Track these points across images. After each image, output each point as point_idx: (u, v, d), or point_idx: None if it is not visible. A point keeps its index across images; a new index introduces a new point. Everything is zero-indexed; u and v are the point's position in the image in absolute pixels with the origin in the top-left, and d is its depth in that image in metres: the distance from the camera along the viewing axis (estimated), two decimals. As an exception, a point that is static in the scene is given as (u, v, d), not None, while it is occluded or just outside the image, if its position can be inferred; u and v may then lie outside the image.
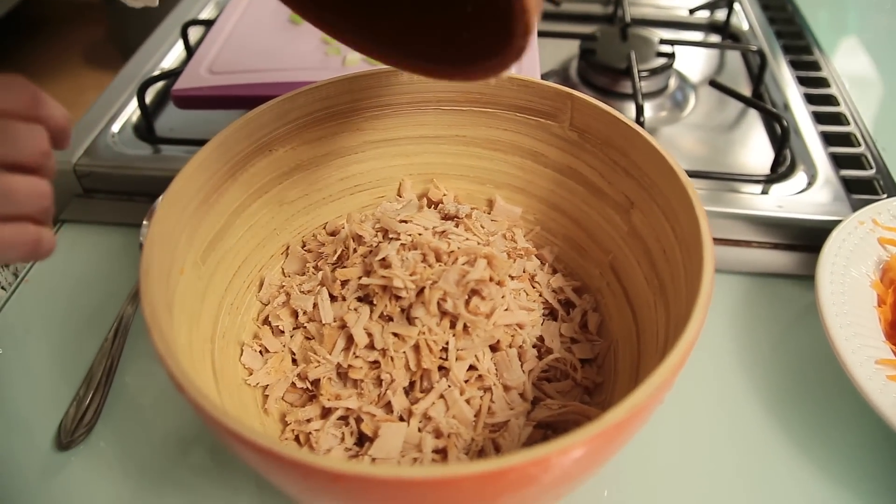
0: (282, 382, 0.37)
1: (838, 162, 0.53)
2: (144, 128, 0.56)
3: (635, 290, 0.37)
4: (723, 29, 0.74)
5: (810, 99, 0.61)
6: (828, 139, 0.56)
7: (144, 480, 0.37)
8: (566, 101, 0.39)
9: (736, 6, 0.74)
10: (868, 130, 0.57)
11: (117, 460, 0.38)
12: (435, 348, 0.35)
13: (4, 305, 0.47)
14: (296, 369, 0.37)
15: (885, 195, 0.50)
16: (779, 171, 0.53)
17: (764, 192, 0.51)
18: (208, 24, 0.64)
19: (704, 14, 0.76)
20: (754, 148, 0.57)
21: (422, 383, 0.35)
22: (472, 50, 0.30)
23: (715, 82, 0.58)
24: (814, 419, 0.40)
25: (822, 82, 0.63)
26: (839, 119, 0.59)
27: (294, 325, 0.39)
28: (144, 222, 0.48)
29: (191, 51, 0.65)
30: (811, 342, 0.44)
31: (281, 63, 0.54)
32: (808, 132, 0.56)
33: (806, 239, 0.49)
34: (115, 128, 0.56)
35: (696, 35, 0.75)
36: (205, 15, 0.73)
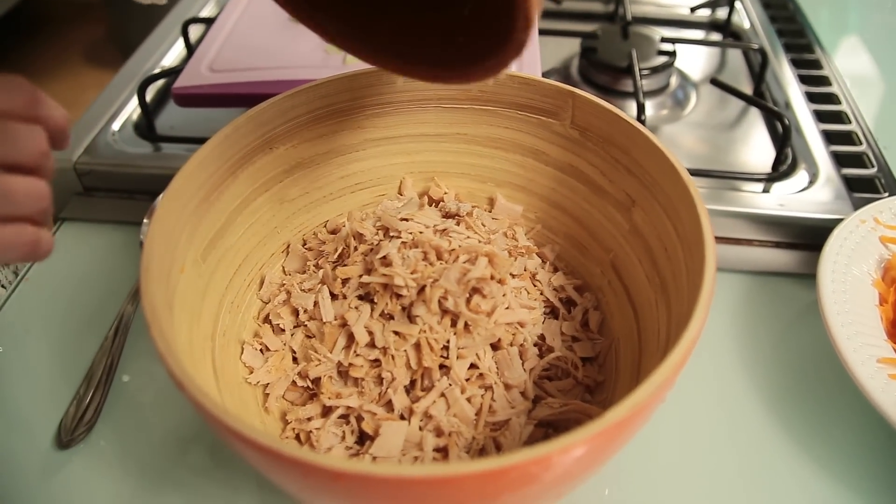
0: (282, 381, 0.37)
1: (840, 160, 0.53)
2: (145, 126, 0.56)
3: (637, 289, 0.37)
4: (724, 27, 0.74)
5: (811, 97, 0.61)
6: (829, 138, 0.56)
7: (145, 479, 0.37)
8: (567, 99, 0.39)
9: (737, 4, 0.74)
10: (869, 129, 0.57)
11: (117, 459, 0.38)
12: (436, 347, 0.35)
13: (4, 304, 0.47)
14: (296, 368, 0.37)
15: (886, 194, 0.50)
16: (780, 170, 0.53)
17: (765, 191, 0.51)
18: (209, 22, 0.64)
19: (706, 12, 0.76)
20: (755, 146, 0.57)
21: (423, 382, 0.35)
22: (470, 51, 0.30)
23: (716, 80, 0.58)
24: (815, 418, 0.40)
25: (824, 81, 0.63)
26: (840, 117, 0.58)
27: (295, 323, 0.39)
28: (145, 220, 0.48)
29: (191, 49, 0.65)
30: (812, 341, 0.44)
31: (281, 61, 0.54)
32: (810, 131, 0.56)
33: (807, 237, 0.49)
34: (116, 126, 0.56)
35: (697, 33, 0.75)
36: (205, 13, 0.73)
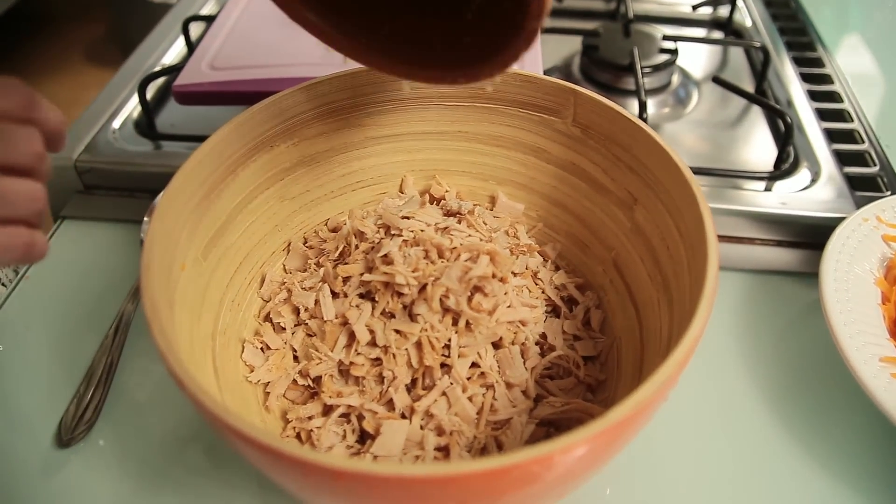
0: (283, 379, 0.37)
1: (842, 159, 0.53)
2: (145, 124, 0.56)
3: (638, 287, 0.37)
4: (726, 25, 0.74)
5: (813, 96, 0.60)
6: (831, 136, 0.56)
7: (145, 478, 0.37)
8: (569, 97, 0.39)
9: (739, 2, 0.74)
10: (871, 127, 0.57)
11: (117, 458, 0.38)
12: (437, 345, 0.35)
13: (5, 302, 0.47)
14: (297, 366, 0.37)
15: (888, 192, 0.50)
16: (782, 168, 0.53)
17: (767, 189, 0.51)
18: (209, 19, 0.64)
19: (707, 10, 0.76)
20: (757, 145, 0.57)
21: (424, 380, 0.35)
22: (477, 48, 0.30)
23: (718, 79, 0.58)
24: (816, 416, 0.40)
25: (826, 79, 0.63)
26: (842, 116, 0.58)
27: (295, 321, 0.39)
28: (145, 219, 0.48)
29: (192, 47, 0.65)
30: (814, 339, 0.44)
31: (282, 59, 0.54)
32: (812, 129, 0.56)
33: (809, 236, 0.49)
34: (116, 124, 0.56)
35: (698, 31, 0.75)
36: (206, 11, 0.73)
